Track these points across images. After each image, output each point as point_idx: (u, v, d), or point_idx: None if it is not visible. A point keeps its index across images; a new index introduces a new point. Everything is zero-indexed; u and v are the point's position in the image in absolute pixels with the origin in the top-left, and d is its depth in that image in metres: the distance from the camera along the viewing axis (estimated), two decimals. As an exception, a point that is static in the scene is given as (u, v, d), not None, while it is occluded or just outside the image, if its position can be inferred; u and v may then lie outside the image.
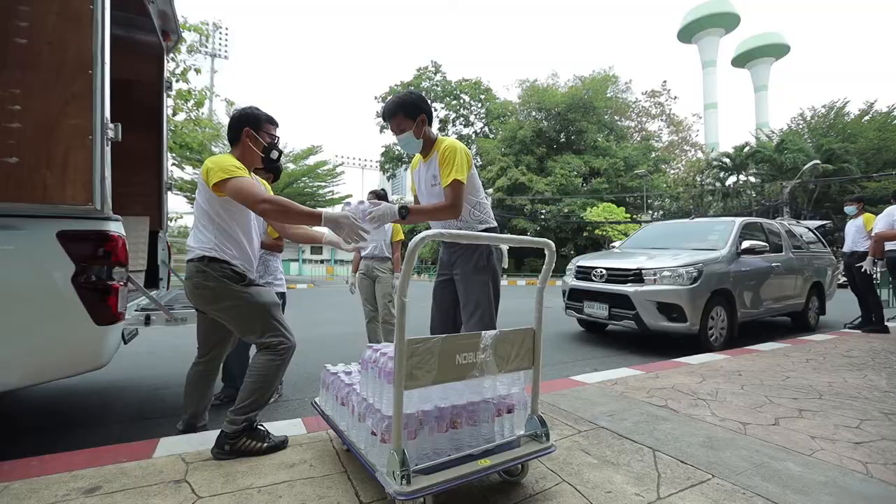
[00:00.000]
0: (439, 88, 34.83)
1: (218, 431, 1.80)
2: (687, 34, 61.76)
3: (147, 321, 2.36)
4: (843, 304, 7.78)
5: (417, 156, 2.18)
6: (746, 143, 28.38)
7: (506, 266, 2.14)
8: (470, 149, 34.68)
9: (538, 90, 30.63)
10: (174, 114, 10.37)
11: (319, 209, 1.77)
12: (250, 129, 1.95)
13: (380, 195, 4.02)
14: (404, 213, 1.89)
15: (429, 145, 2.08)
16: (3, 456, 1.79)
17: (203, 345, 2.05)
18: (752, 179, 28.09)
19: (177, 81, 10.15)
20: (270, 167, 2.16)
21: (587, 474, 1.65)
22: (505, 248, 2.14)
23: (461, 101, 35.12)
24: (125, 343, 2.51)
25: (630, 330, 5.45)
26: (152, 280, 3.47)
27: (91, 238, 1.91)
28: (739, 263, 4.96)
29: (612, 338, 5.50)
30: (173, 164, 11.92)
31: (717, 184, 29.26)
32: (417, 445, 1.31)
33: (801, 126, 28.89)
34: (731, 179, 28.94)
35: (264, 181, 2.22)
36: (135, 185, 3.51)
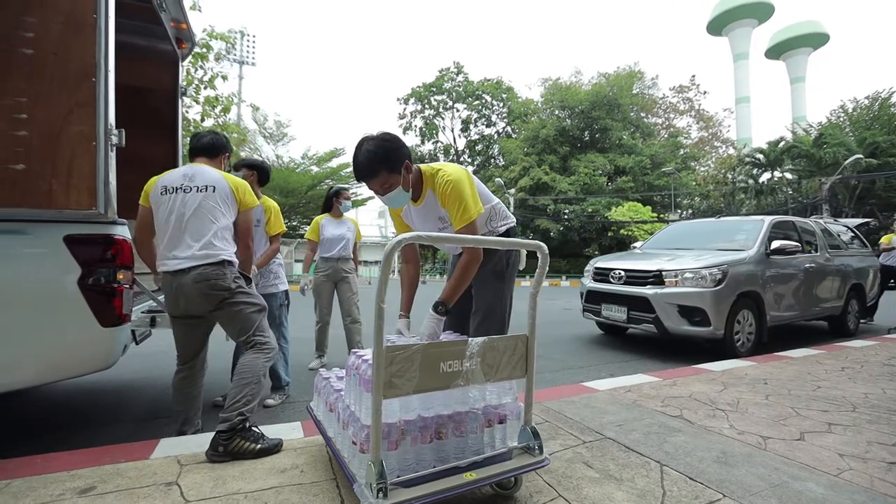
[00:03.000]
0: (461, 89, 34.80)
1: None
2: (717, 26, 59.45)
3: (153, 323, 2.40)
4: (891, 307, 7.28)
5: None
6: (782, 138, 27.03)
7: (522, 267, 2.03)
8: (492, 148, 34.73)
9: (561, 88, 30.13)
10: (202, 119, 10.73)
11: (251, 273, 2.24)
12: (228, 155, 2.35)
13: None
14: (442, 309, 1.64)
15: (417, 187, 1.79)
16: (22, 451, 1.85)
17: (184, 353, 2.13)
18: (788, 176, 26.75)
19: (204, 88, 10.50)
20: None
21: (586, 489, 1.56)
22: (523, 250, 1.98)
23: (483, 101, 34.97)
24: (136, 344, 2.57)
25: (652, 334, 5.24)
26: (168, 282, 3.56)
27: (96, 242, 1.95)
28: (769, 264, 4.69)
29: (632, 342, 5.32)
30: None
31: (750, 181, 28.02)
32: (399, 456, 1.26)
33: (841, 119, 27.28)
34: (766, 176, 27.65)
35: (244, 181, 2.25)
36: (151, 189, 3.61)
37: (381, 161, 1.61)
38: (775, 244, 4.74)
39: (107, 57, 1.92)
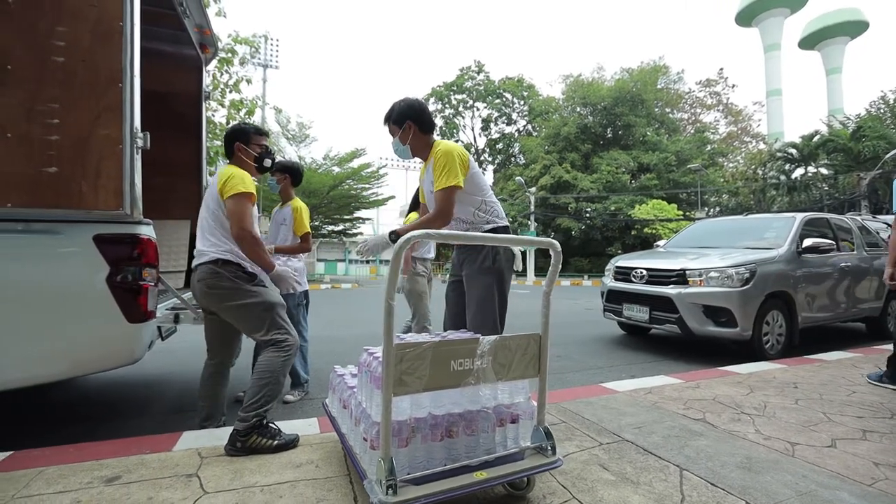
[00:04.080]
0: (482, 87, 34.70)
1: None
2: (746, 17, 57.18)
3: (176, 319, 2.48)
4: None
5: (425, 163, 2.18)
6: (816, 132, 25.80)
7: (518, 269, 2.05)
8: (512, 147, 34.48)
9: (582, 85, 29.70)
10: (227, 122, 11.04)
11: (274, 263, 2.08)
12: (240, 143, 2.15)
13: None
14: (394, 237, 1.87)
15: (426, 151, 2.07)
16: (56, 440, 1.95)
17: (212, 347, 2.18)
18: (824, 171, 25.54)
19: (230, 92, 10.80)
20: (264, 171, 2.29)
21: (601, 492, 1.53)
22: (517, 249, 2.06)
23: (504, 99, 34.78)
24: (162, 339, 2.67)
25: (675, 334, 5.10)
26: (193, 280, 3.68)
27: (124, 241, 2.02)
28: (800, 263, 4.50)
29: (655, 342, 5.19)
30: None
31: (782, 177, 26.89)
32: (409, 454, 1.26)
33: (882, 110, 25.82)
34: (799, 172, 26.47)
35: (230, 171, 2.22)
36: (177, 190, 3.72)
37: (390, 114, 2.06)
38: (807, 242, 4.54)
39: (132, 63, 1.98)
